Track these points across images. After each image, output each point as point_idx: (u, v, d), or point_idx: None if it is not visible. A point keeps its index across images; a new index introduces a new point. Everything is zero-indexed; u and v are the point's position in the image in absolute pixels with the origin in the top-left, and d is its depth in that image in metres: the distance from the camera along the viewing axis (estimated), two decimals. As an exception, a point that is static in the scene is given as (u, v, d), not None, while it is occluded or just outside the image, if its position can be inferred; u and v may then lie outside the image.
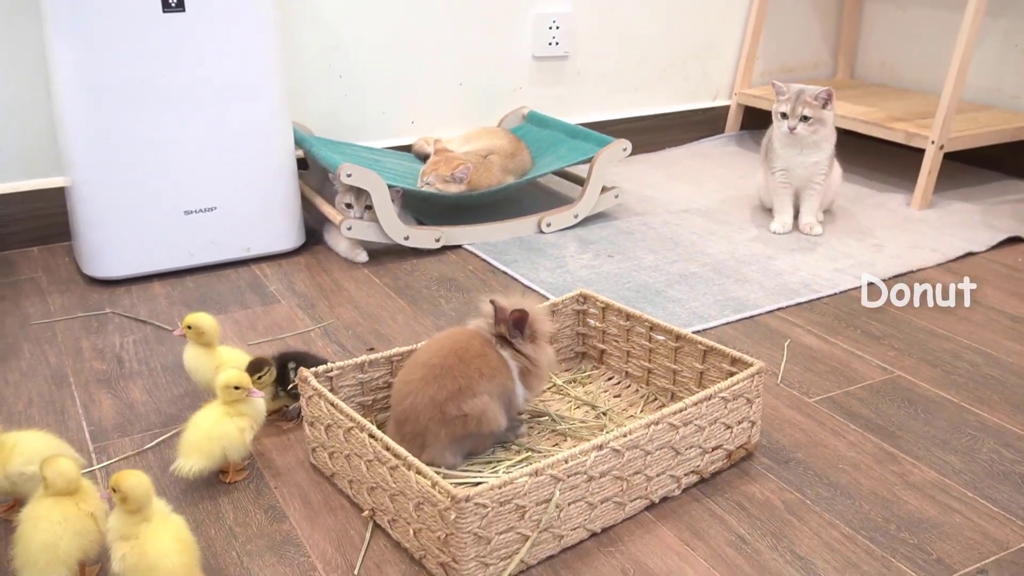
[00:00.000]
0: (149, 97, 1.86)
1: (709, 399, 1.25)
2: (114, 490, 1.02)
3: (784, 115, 2.14)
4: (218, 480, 1.30)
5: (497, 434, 1.31)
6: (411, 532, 1.13)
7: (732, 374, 1.35)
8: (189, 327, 1.43)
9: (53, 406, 1.49)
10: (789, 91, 2.14)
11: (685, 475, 1.26)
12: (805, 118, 2.11)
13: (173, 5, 1.84)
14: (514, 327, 1.31)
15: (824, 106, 2.12)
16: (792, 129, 2.12)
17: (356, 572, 1.13)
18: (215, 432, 1.26)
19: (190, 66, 1.88)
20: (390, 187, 2.04)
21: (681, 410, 1.22)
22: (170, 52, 1.86)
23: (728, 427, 1.29)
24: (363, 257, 2.06)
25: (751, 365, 1.32)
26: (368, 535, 1.19)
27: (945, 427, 1.44)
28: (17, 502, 1.23)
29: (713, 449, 1.29)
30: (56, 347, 1.68)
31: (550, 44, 2.65)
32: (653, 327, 1.47)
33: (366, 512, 1.21)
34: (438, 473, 1.11)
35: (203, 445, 1.25)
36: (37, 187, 2.13)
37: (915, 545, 1.18)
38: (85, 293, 1.91)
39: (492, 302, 1.31)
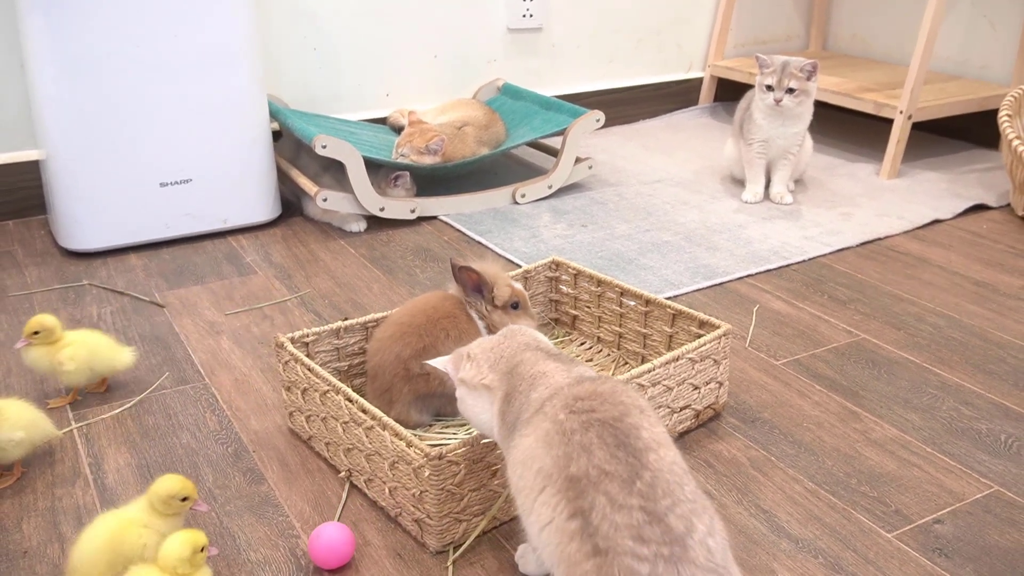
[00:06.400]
0: (123, 69, 1.87)
1: (677, 360, 1.28)
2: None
3: (769, 87, 2.16)
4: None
5: None
6: (387, 491, 1.16)
7: (700, 337, 1.38)
8: (36, 332, 1.38)
9: (32, 375, 1.50)
10: (774, 63, 2.16)
11: (654, 434, 1.30)
12: (791, 90, 2.14)
13: (145, -23, 1.84)
14: (473, 290, 1.33)
15: (809, 78, 2.15)
16: (778, 101, 2.15)
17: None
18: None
19: (164, 38, 1.88)
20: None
21: (649, 371, 1.25)
22: (144, 24, 1.86)
23: (696, 388, 1.33)
24: (358, 226, 2.08)
25: (718, 328, 1.35)
26: (345, 495, 1.22)
27: (907, 387, 1.48)
28: (2, 467, 1.25)
29: (681, 409, 1.32)
30: (34, 318, 1.70)
31: (524, 16, 2.66)
32: (624, 292, 1.51)
33: (343, 473, 1.24)
34: (413, 433, 1.14)
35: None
36: (12, 160, 2.12)
37: (875, 498, 1.22)
38: (62, 265, 1.92)
39: (451, 261, 1.34)
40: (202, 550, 0.99)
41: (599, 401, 0.89)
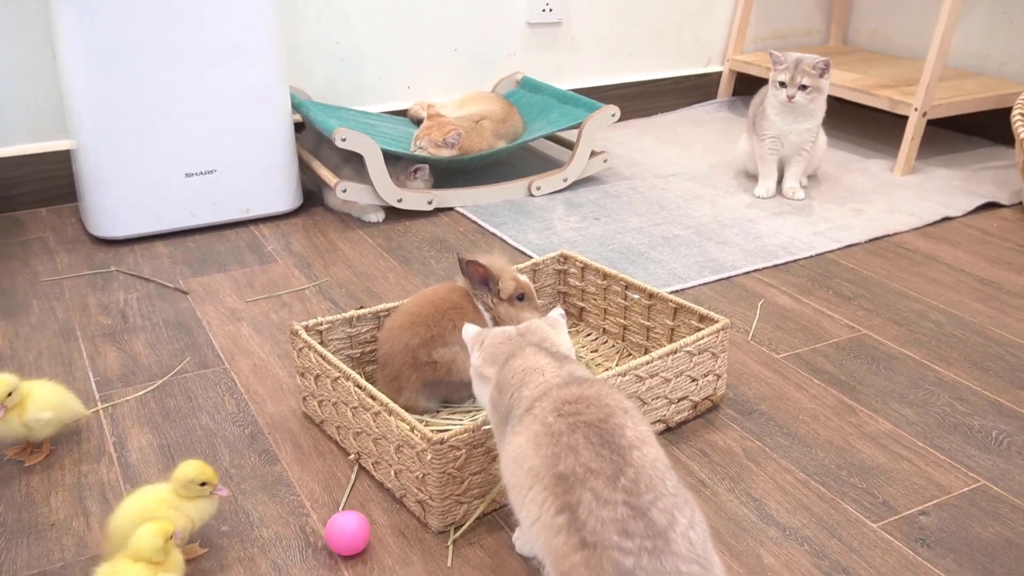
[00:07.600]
0: (151, 61, 1.93)
1: (675, 353, 1.33)
2: None
3: (782, 84, 2.19)
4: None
5: (469, 384, 1.39)
6: (392, 473, 1.22)
7: (700, 330, 1.43)
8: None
9: (61, 358, 1.58)
10: (787, 60, 2.19)
11: (651, 424, 1.34)
12: (803, 87, 2.17)
13: (173, -28, 1.90)
14: (479, 282, 1.39)
15: (822, 75, 2.17)
16: (791, 98, 2.17)
17: (341, 508, 1.22)
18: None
19: (190, 30, 1.95)
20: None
21: (648, 363, 1.30)
22: (171, 16, 1.92)
23: (694, 380, 1.37)
24: (377, 217, 2.14)
25: (717, 322, 1.40)
26: (353, 476, 1.28)
27: (904, 382, 1.52)
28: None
29: (679, 400, 1.37)
30: (64, 303, 1.77)
31: (544, 10, 2.70)
32: (628, 286, 1.55)
33: (352, 455, 1.30)
34: (419, 420, 1.20)
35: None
36: (44, 150, 2.20)
37: (863, 489, 1.26)
38: (91, 252, 1.99)
39: (458, 255, 1.40)
40: (171, 537, 1.03)
41: (585, 404, 0.94)
